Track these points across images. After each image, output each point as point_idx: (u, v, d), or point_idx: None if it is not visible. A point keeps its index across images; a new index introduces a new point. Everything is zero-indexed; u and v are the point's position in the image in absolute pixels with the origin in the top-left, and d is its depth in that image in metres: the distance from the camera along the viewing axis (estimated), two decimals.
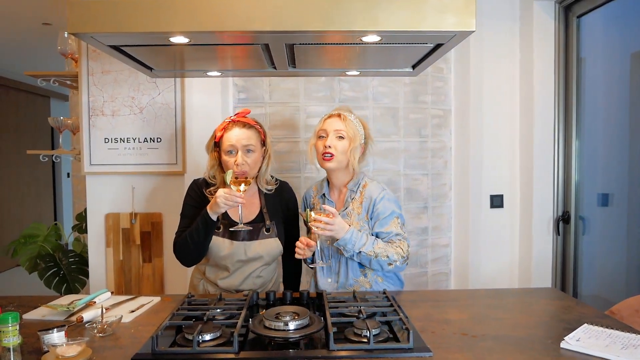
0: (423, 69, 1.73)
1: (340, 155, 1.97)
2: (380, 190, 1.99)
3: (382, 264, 1.89)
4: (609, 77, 2.86)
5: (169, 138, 2.73)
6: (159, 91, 2.69)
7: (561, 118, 2.97)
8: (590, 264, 2.93)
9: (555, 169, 3.00)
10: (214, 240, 1.96)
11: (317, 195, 2.16)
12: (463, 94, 3.11)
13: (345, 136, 1.97)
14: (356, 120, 2.03)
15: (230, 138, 1.92)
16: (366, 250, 1.87)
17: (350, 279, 2.00)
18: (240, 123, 1.95)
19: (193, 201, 2.04)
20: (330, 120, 2.01)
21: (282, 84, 2.85)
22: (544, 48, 2.95)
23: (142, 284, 2.75)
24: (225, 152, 1.94)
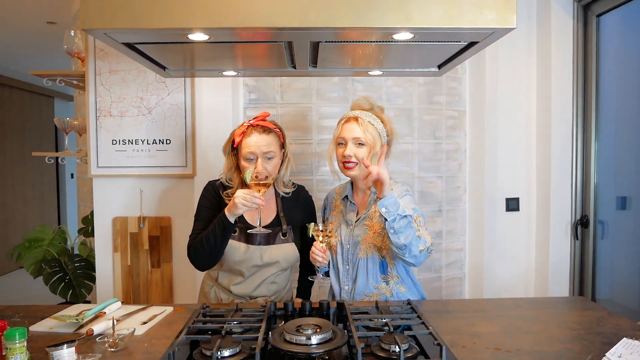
0: (449, 69, 1.65)
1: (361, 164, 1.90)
2: (403, 190, 1.93)
3: (414, 244, 1.71)
4: (629, 77, 2.77)
5: (179, 140, 2.67)
6: (168, 91, 2.62)
7: (579, 119, 2.90)
8: (607, 268, 2.86)
9: (574, 172, 2.93)
10: (230, 244, 1.90)
11: (339, 197, 2.09)
12: (478, 94, 3.03)
13: (364, 143, 1.89)
14: (375, 120, 1.93)
15: (250, 144, 1.86)
16: (412, 215, 1.72)
17: (369, 286, 1.92)
18: (259, 128, 1.88)
19: (209, 203, 1.98)
20: (348, 126, 1.91)
21: (293, 84, 2.77)
22: (562, 47, 2.88)
23: (151, 290, 2.67)
24: (244, 159, 1.88)
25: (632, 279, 2.75)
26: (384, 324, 1.43)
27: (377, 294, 1.91)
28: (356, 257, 1.94)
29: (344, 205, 2.05)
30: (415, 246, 1.72)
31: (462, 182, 3.12)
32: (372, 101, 1.99)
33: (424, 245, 1.75)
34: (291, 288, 2.18)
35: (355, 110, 1.96)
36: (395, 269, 1.92)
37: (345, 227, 1.99)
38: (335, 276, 2.00)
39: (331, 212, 2.10)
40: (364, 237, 1.92)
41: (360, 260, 1.93)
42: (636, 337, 1.40)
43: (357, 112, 1.94)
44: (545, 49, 2.93)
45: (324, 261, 1.88)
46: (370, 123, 1.91)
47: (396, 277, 1.91)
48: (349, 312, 1.53)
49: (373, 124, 1.91)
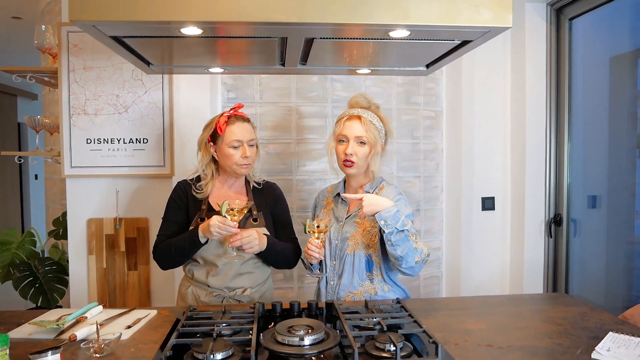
0: (437, 69, 1.66)
1: (362, 162, 1.93)
2: (396, 193, 1.94)
3: (410, 255, 1.74)
4: (599, 79, 2.86)
5: (156, 139, 2.60)
6: (146, 89, 2.56)
7: (553, 120, 2.96)
8: (578, 265, 2.93)
9: (547, 171, 2.98)
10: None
11: (331, 195, 2.09)
12: (454, 95, 3.06)
13: (366, 142, 1.91)
14: (376, 119, 1.95)
15: (236, 132, 1.91)
16: (410, 230, 1.75)
17: (354, 283, 1.92)
18: (240, 117, 1.95)
19: (176, 204, 2.01)
20: (350, 124, 1.93)
21: (272, 83, 2.75)
22: (535, 50, 2.93)
23: (127, 293, 2.60)
24: (229, 146, 1.92)
25: (600, 276, 2.84)
26: (376, 322, 1.43)
27: (361, 292, 1.91)
28: (344, 253, 1.94)
29: (336, 202, 2.06)
30: (411, 257, 1.76)
31: (439, 181, 3.15)
32: (369, 98, 2.01)
33: (420, 257, 1.78)
34: (272, 286, 2.15)
35: (356, 109, 1.98)
36: (380, 268, 1.92)
37: (336, 224, 2.00)
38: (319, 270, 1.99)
39: (322, 210, 2.10)
40: (353, 234, 1.93)
41: (347, 256, 1.93)
42: (621, 331, 1.43)
43: (359, 110, 1.96)
44: (519, 52, 2.98)
45: (320, 257, 1.87)
46: (372, 122, 1.93)
47: (380, 275, 1.92)
48: (340, 311, 1.52)
49: (374, 123, 1.94)
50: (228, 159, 1.93)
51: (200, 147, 1.99)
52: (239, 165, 1.94)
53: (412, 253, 1.75)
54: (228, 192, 2.04)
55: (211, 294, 1.95)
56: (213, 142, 1.96)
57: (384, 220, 1.73)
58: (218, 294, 1.94)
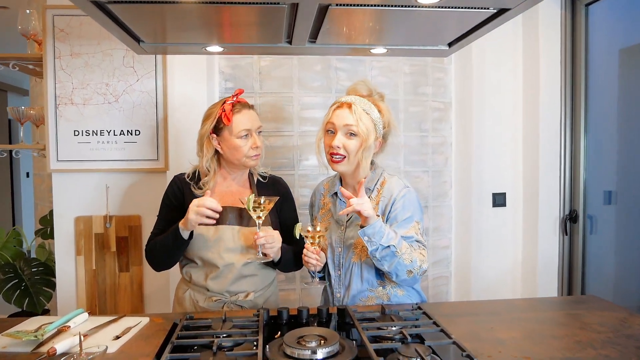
0: (459, 48, 1.50)
1: (352, 156, 1.71)
2: (401, 187, 1.73)
3: (400, 270, 1.60)
4: (616, 70, 2.71)
5: (149, 131, 2.43)
6: (137, 77, 2.39)
7: (568, 111, 2.83)
8: (595, 264, 2.80)
9: (562, 165, 2.85)
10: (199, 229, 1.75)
11: (328, 194, 1.89)
12: (464, 85, 2.92)
13: (356, 133, 1.68)
14: (372, 108, 1.73)
15: (245, 121, 1.77)
16: (397, 245, 1.57)
17: (365, 291, 1.74)
18: (246, 104, 1.81)
19: (170, 201, 1.85)
20: (340, 113, 1.70)
21: (273, 72, 2.59)
22: (549, 38, 2.79)
23: (119, 296, 2.43)
24: (237, 137, 1.76)
25: (618, 275, 2.71)
26: (397, 332, 1.27)
27: (373, 298, 1.74)
28: (349, 262, 1.75)
29: (333, 203, 1.85)
30: (402, 271, 1.60)
31: (448, 176, 3.00)
32: (371, 86, 1.79)
33: (414, 269, 1.61)
34: (277, 290, 1.99)
35: (349, 96, 1.75)
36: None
37: (336, 228, 1.81)
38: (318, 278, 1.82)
39: (320, 210, 1.90)
40: (357, 240, 1.73)
41: (353, 265, 1.74)
42: None
43: (352, 97, 1.73)
44: (532, 40, 2.83)
45: (318, 264, 1.70)
46: (365, 111, 1.70)
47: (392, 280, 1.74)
48: (355, 319, 1.35)
49: (368, 113, 1.71)
50: (237, 151, 1.77)
51: (201, 141, 1.81)
52: (249, 156, 1.79)
53: (402, 267, 1.59)
54: (232, 187, 1.88)
55: (210, 299, 1.78)
56: (216, 134, 1.79)
57: (368, 237, 1.57)
58: (218, 299, 1.78)
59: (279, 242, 1.73)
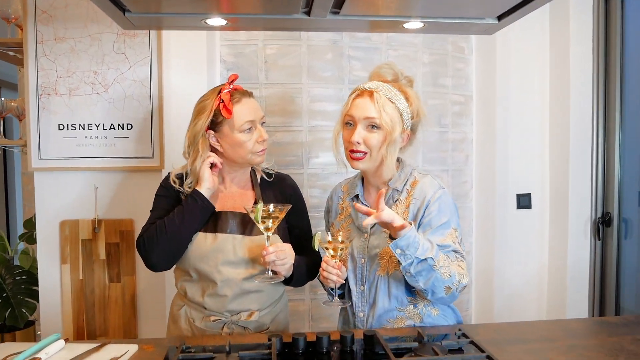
0: (509, 23, 1.26)
1: (375, 152, 1.47)
2: (436, 187, 1.50)
3: (438, 286, 1.37)
4: None
5: (142, 124, 2.21)
6: (130, 64, 2.16)
7: (601, 106, 2.61)
8: (630, 271, 2.60)
9: (594, 164, 2.64)
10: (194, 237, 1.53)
11: (347, 197, 1.65)
12: (486, 77, 2.70)
13: (379, 126, 1.45)
14: (397, 96, 1.48)
15: (247, 112, 1.54)
16: (434, 257, 1.34)
17: (393, 310, 1.50)
18: (245, 92, 1.58)
19: (167, 192, 1.62)
20: (360, 102, 1.48)
21: (280, 61, 2.36)
22: (581, 26, 2.58)
23: (109, 310, 2.20)
24: (240, 131, 1.53)
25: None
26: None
27: (402, 319, 1.50)
28: (374, 275, 1.52)
29: (354, 208, 1.60)
30: (439, 288, 1.37)
31: (469, 176, 2.78)
32: (398, 70, 1.56)
33: (453, 285, 1.37)
34: (287, 306, 1.75)
35: (372, 82, 1.52)
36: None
37: (358, 236, 1.57)
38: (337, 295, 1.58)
39: (338, 217, 1.66)
40: (384, 250, 1.49)
41: (379, 279, 1.51)
42: None
43: (375, 84, 1.50)
44: (562, 27, 2.62)
45: (340, 280, 1.46)
46: (389, 100, 1.47)
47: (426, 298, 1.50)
48: (389, 349, 1.11)
49: (393, 102, 1.47)
50: (240, 148, 1.54)
51: (194, 140, 1.55)
52: (254, 152, 1.56)
53: (440, 283, 1.36)
54: (231, 189, 1.64)
55: (208, 318, 1.55)
56: (214, 130, 1.55)
57: (401, 250, 1.34)
58: (217, 319, 1.54)
59: (292, 258, 1.50)
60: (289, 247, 1.50)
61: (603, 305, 2.63)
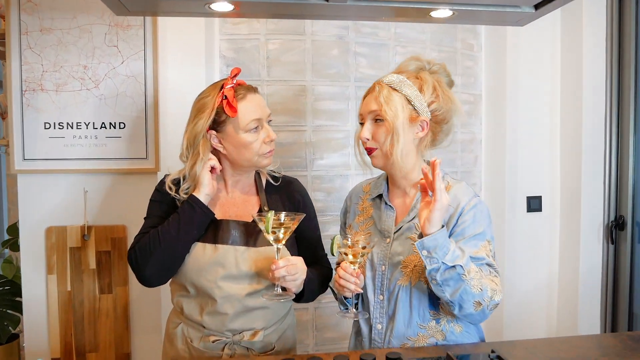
0: (547, 12, 1.14)
1: (384, 146, 1.38)
2: (471, 195, 1.38)
3: (466, 300, 1.25)
4: None
5: (136, 123, 2.07)
6: (122, 59, 2.01)
7: (614, 106, 2.52)
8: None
9: (607, 166, 2.55)
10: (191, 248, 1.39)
11: (368, 198, 1.53)
12: (496, 75, 2.60)
13: (382, 117, 1.37)
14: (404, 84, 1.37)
15: (253, 110, 1.41)
16: (464, 266, 1.23)
17: (413, 325, 1.38)
18: (250, 88, 1.45)
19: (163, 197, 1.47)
20: (366, 99, 1.43)
21: (283, 57, 2.23)
22: (594, 22, 2.49)
23: (100, 324, 2.05)
24: (246, 130, 1.40)
25: None
26: None
27: (424, 337, 1.37)
28: (394, 284, 1.39)
29: (377, 208, 1.50)
30: (468, 303, 1.24)
31: (478, 178, 2.68)
32: (424, 60, 1.46)
33: (484, 300, 1.25)
34: (295, 321, 1.62)
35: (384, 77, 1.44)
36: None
37: (380, 240, 1.45)
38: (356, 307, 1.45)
39: (357, 218, 1.54)
40: (408, 257, 1.38)
41: (400, 290, 1.38)
42: None
43: (384, 77, 1.42)
44: (575, 25, 2.53)
45: (358, 289, 1.33)
46: (393, 89, 1.37)
47: (451, 313, 1.37)
48: None
49: (399, 90, 1.37)
50: (246, 150, 1.41)
51: (194, 141, 1.41)
52: (262, 154, 1.43)
53: (469, 297, 1.24)
54: (234, 195, 1.51)
55: (207, 338, 1.41)
56: (216, 131, 1.41)
57: (428, 251, 1.23)
58: (218, 339, 1.40)
59: (304, 273, 1.36)
60: (300, 261, 1.36)
61: (615, 311, 2.55)
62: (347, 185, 2.30)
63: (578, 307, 2.54)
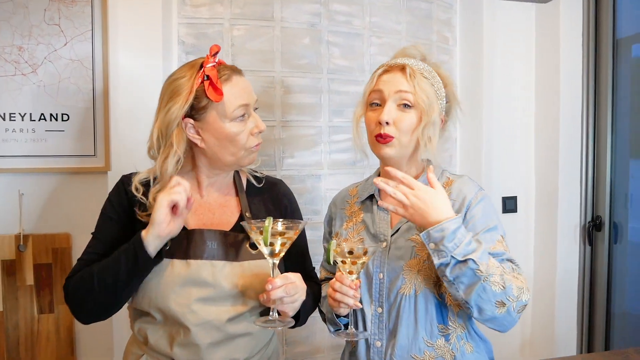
0: None
1: (405, 137, 1.23)
2: (476, 189, 1.27)
3: (486, 300, 1.09)
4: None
5: (83, 116, 1.83)
6: (66, 39, 1.77)
7: (591, 106, 2.50)
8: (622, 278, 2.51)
9: (584, 166, 2.53)
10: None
11: (357, 201, 1.37)
12: (471, 71, 2.52)
13: (413, 103, 1.22)
14: (432, 74, 1.27)
15: (240, 94, 1.20)
16: (478, 260, 1.08)
17: (418, 341, 1.22)
18: (235, 69, 1.24)
19: (115, 212, 1.23)
20: (388, 77, 1.25)
21: (249, 44, 2.05)
22: (570, 17, 2.46)
23: (38, 349, 1.78)
24: (232, 119, 1.19)
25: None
26: None
27: (430, 357, 1.21)
28: (395, 294, 1.23)
29: (367, 211, 1.34)
30: (488, 303, 1.09)
31: None
32: (424, 52, 1.35)
33: (508, 300, 1.09)
34: (277, 348, 1.42)
35: (401, 58, 1.30)
36: (458, 314, 1.23)
37: (374, 246, 1.29)
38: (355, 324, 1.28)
39: (345, 224, 1.37)
40: (411, 261, 1.22)
41: (403, 300, 1.22)
42: None
43: (405, 59, 1.28)
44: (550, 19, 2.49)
45: (356, 304, 1.16)
46: (423, 76, 1.24)
47: (461, 327, 1.23)
48: None
49: (428, 78, 1.25)
50: (230, 142, 1.19)
51: (166, 132, 1.18)
52: (248, 148, 1.22)
53: (490, 296, 1.09)
54: (209, 199, 1.29)
55: None
56: (194, 119, 1.19)
57: (435, 243, 1.09)
58: None
59: (303, 292, 1.16)
60: (298, 278, 1.15)
61: (592, 312, 2.53)
62: (320, 186, 2.15)
63: (555, 309, 2.50)
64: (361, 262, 1.12)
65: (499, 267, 1.11)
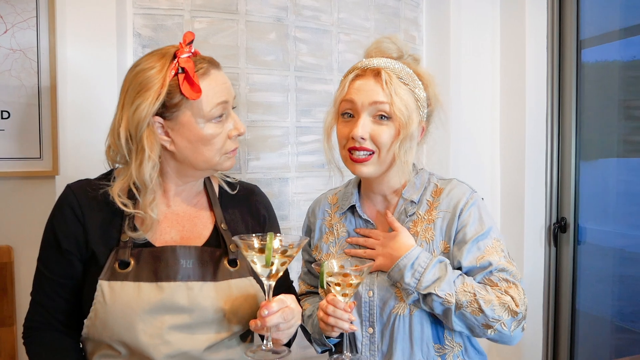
0: None
1: (384, 152, 1.13)
2: (468, 192, 1.18)
3: (474, 325, 1.06)
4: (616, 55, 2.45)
5: (27, 113, 1.64)
6: (6, 27, 1.58)
7: (555, 106, 2.48)
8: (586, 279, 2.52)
9: (549, 168, 2.52)
10: (120, 289, 1.00)
11: (337, 212, 1.25)
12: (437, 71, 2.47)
13: (390, 115, 1.11)
14: (412, 77, 1.16)
15: (219, 91, 1.06)
16: (441, 292, 1.04)
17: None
18: (212, 61, 1.10)
19: (63, 234, 1.04)
20: (362, 84, 1.13)
21: (212, 39, 1.92)
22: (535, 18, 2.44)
23: None
24: (210, 119, 1.05)
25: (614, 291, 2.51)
26: None
27: None
28: (388, 314, 1.14)
29: (349, 223, 1.24)
30: (475, 327, 1.07)
31: None
32: (402, 44, 1.22)
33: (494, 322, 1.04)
34: None
35: (375, 59, 1.16)
36: (456, 332, 1.15)
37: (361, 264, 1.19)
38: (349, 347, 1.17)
39: (324, 237, 1.27)
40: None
41: (396, 320, 1.13)
42: None
43: (380, 60, 1.15)
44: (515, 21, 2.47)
45: (352, 327, 1.06)
46: (402, 81, 1.13)
47: (458, 346, 1.16)
48: None
49: (407, 83, 1.13)
50: (206, 146, 1.05)
51: (137, 132, 1.01)
52: (225, 153, 1.08)
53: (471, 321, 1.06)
54: (177, 209, 1.13)
55: None
56: (164, 118, 1.03)
57: (399, 282, 1.10)
58: None
59: (299, 317, 1.04)
60: (293, 300, 1.03)
61: (558, 312, 2.53)
62: (287, 190, 2.04)
63: None
64: (356, 283, 1.02)
65: (471, 291, 1.05)
